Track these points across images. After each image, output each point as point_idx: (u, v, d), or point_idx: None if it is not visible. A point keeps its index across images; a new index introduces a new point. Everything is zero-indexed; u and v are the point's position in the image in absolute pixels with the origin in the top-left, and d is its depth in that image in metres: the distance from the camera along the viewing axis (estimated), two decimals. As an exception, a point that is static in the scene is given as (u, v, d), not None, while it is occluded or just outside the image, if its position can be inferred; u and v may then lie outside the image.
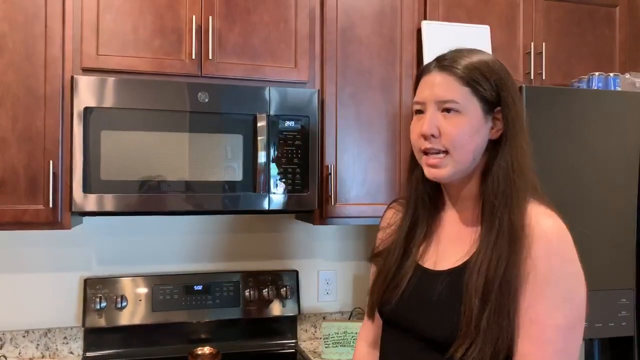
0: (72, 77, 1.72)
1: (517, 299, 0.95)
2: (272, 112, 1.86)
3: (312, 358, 2.08)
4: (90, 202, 1.71)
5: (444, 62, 1.05)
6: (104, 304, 2.01)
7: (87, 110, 1.71)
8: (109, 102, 1.73)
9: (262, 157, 1.83)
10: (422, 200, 1.14)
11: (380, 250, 1.20)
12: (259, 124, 1.83)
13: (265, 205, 1.86)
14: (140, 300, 2.06)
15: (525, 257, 0.96)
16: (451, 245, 1.10)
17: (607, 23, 2.35)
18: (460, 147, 1.02)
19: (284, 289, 2.20)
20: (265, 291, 2.18)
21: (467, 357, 0.94)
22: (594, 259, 1.75)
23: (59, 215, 1.74)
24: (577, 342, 0.94)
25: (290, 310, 2.22)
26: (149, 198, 1.76)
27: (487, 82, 1.03)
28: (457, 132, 1.02)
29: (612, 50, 2.36)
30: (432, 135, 1.03)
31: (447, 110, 1.03)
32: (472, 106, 1.02)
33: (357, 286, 2.42)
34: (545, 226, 0.96)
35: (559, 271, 0.93)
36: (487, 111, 1.03)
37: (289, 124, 1.89)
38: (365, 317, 1.24)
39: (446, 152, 1.03)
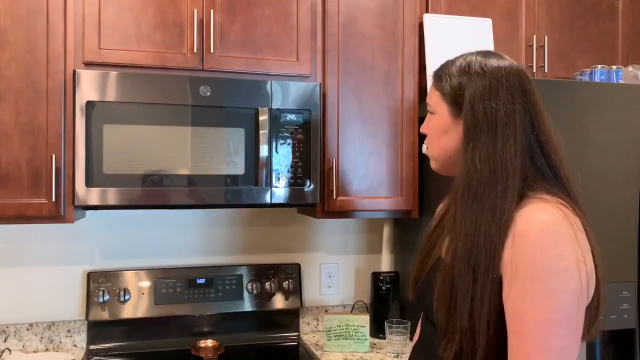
0: (74, 71, 1.72)
1: (488, 294, 0.96)
2: (274, 106, 1.86)
3: (314, 351, 2.09)
4: (93, 196, 1.72)
5: (436, 70, 1.15)
6: (107, 297, 2.02)
7: (90, 104, 1.71)
8: (111, 96, 1.73)
9: (264, 151, 1.83)
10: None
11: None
12: (260, 118, 1.83)
13: (267, 199, 1.87)
14: (143, 293, 2.07)
15: (497, 252, 0.95)
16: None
17: (609, 16, 2.35)
18: (432, 144, 1.14)
19: (286, 282, 2.21)
20: (267, 284, 2.19)
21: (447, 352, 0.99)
22: (596, 252, 1.75)
23: (61, 209, 1.75)
24: (561, 338, 0.90)
25: (292, 303, 2.23)
26: (151, 192, 1.76)
27: (450, 85, 1.08)
28: (427, 131, 1.15)
29: (614, 43, 2.35)
30: (425, 135, 1.17)
31: (430, 112, 1.15)
32: (441, 109, 1.10)
33: (359, 279, 2.42)
34: (530, 222, 0.94)
35: (541, 267, 0.91)
36: (456, 114, 1.07)
37: (291, 117, 1.89)
38: None
39: (427, 148, 1.16)
